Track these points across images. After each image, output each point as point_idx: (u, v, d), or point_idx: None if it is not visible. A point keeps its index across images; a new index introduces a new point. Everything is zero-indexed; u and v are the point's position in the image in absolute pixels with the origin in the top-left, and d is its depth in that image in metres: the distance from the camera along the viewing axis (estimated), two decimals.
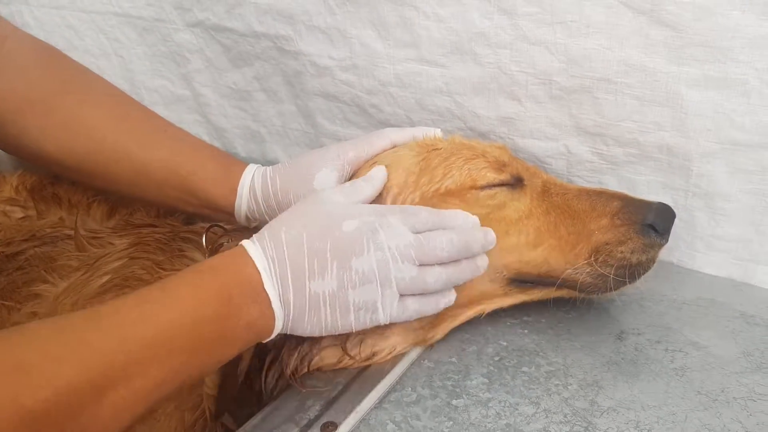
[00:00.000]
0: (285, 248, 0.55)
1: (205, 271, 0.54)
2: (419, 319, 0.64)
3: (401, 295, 0.58)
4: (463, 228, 0.60)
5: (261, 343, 0.58)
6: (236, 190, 0.74)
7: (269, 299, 0.54)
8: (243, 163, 0.77)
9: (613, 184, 0.82)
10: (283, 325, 0.56)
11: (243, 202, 0.74)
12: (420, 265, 0.58)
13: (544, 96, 0.80)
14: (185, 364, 0.50)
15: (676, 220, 0.69)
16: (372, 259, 0.56)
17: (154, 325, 0.48)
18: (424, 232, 0.58)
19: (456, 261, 0.60)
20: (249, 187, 0.74)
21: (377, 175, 0.65)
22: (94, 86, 0.78)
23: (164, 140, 0.77)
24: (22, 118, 0.72)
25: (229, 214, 0.76)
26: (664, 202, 0.69)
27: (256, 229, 0.76)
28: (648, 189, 0.80)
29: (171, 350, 0.49)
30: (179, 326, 0.49)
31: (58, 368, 0.43)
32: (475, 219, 0.62)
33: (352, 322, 0.57)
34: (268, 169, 0.74)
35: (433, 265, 0.58)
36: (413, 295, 0.59)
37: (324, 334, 0.58)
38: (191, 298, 0.51)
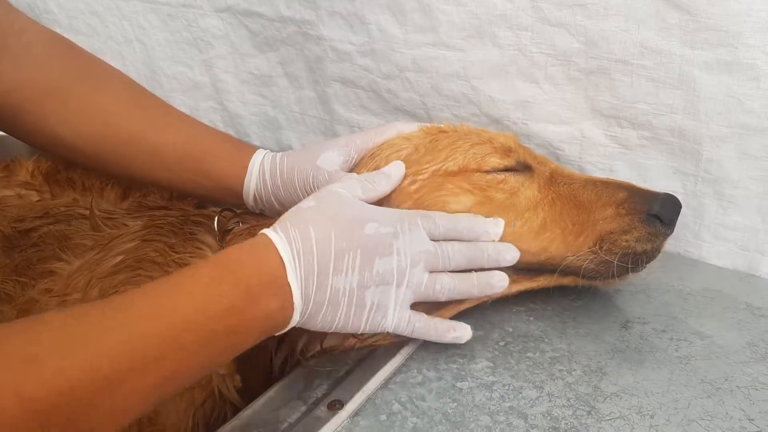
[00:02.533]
0: (314, 243, 0.55)
1: (223, 263, 0.54)
2: (424, 303, 0.65)
3: (411, 307, 0.60)
4: (478, 236, 0.63)
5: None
6: (247, 167, 0.76)
7: (291, 293, 0.54)
8: (254, 147, 0.79)
9: (624, 171, 0.82)
10: (300, 317, 0.56)
11: (252, 182, 0.76)
12: (431, 272, 0.60)
13: (562, 78, 0.81)
14: (199, 356, 0.50)
15: (684, 209, 0.69)
16: (393, 262, 0.57)
17: (168, 321, 0.48)
18: (440, 240, 0.61)
19: (467, 272, 0.62)
20: (259, 167, 0.75)
21: (395, 172, 0.66)
22: (108, 75, 0.80)
23: (177, 124, 0.79)
24: (40, 106, 0.74)
25: (238, 196, 0.77)
26: (674, 188, 0.70)
27: (263, 215, 0.78)
28: (658, 174, 0.80)
29: (184, 345, 0.48)
30: (193, 321, 0.49)
31: (70, 361, 0.43)
32: (497, 230, 0.65)
33: (363, 323, 0.58)
34: (278, 153, 0.76)
35: (443, 272, 0.61)
36: (420, 312, 0.61)
37: (332, 331, 0.59)
38: (207, 292, 0.51)
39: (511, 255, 0.63)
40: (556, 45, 0.79)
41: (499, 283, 0.63)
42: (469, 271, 0.63)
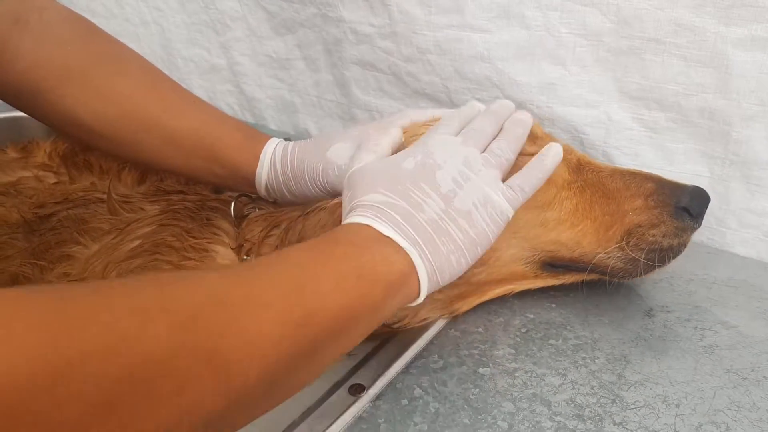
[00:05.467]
0: (381, 205, 0.54)
1: (314, 239, 0.53)
2: (446, 291, 0.64)
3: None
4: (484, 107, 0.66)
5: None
6: (259, 157, 0.75)
7: (392, 239, 0.52)
8: (267, 136, 0.78)
9: (650, 155, 0.81)
10: (424, 262, 0.53)
11: (263, 172, 0.75)
12: (483, 151, 0.60)
13: (590, 59, 0.80)
14: (343, 297, 0.48)
15: (710, 195, 0.68)
16: (450, 166, 0.57)
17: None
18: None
19: (503, 130, 0.63)
20: (271, 156, 0.75)
21: (393, 130, 0.65)
22: (127, 58, 0.80)
23: (192, 110, 0.78)
24: (58, 86, 0.73)
25: (251, 185, 0.77)
26: (701, 173, 0.69)
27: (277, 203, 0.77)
28: (685, 158, 0.79)
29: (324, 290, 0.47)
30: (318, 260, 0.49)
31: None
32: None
33: (483, 224, 0.56)
34: (290, 143, 0.76)
35: (489, 144, 0.61)
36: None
37: (469, 257, 0.56)
38: (309, 248, 0.50)
39: (506, 101, 0.66)
40: (586, 24, 0.78)
41: (526, 115, 0.65)
42: None
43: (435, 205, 0.55)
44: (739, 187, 0.77)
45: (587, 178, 0.68)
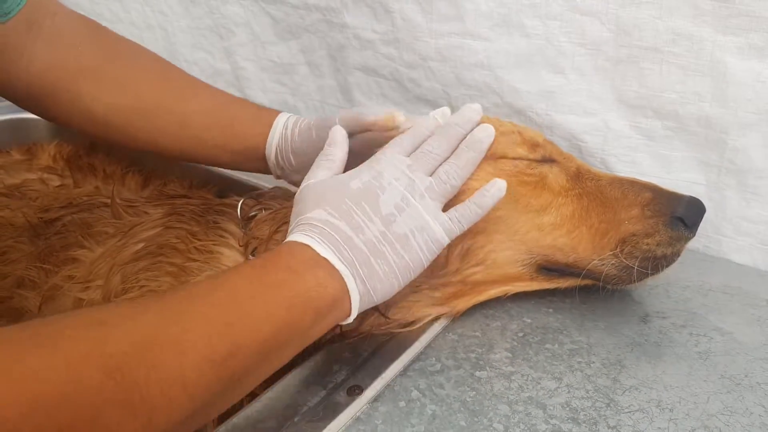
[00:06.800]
0: (322, 225, 0.56)
1: (257, 259, 0.56)
2: (442, 289, 0.65)
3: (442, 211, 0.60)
4: (438, 125, 0.64)
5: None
6: (270, 126, 0.77)
7: (329, 261, 0.54)
8: (277, 111, 0.80)
9: (647, 163, 0.82)
10: (357, 282, 0.55)
11: (274, 140, 0.77)
12: (432, 174, 0.61)
13: (589, 67, 0.81)
14: (266, 322, 0.50)
15: (706, 204, 0.69)
16: (395, 189, 0.59)
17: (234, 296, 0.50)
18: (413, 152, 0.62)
19: (455, 152, 0.62)
20: (282, 126, 0.77)
21: (338, 135, 0.66)
22: (138, 53, 0.83)
23: (203, 94, 0.81)
24: (74, 85, 0.76)
25: (262, 158, 0.79)
26: (697, 180, 0.70)
27: (285, 198, 0.78)
28: (682, 166, 0.80)
29: (250, 312, 0.50)
30: (251, 289, 0.51)
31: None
32: (445, 109, 0.65)
33: (419, 250, 0.58)
34: (301, 117, 0.78)
35: (439, 166, 0.61)
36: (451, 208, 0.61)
37: (401, 280, 0.58)
38: (252, 271, 0.52)
39: (471, 107, 0.64)
40: (585, 34, 0.79)
41: (485, 133, 0.63)
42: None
43: (375, 228, 0.57)
44: (735, 195, 0.77)
45: (586, 186, 0.68)
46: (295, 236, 0.56)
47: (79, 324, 0.44)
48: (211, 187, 1.00)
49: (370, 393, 0.58)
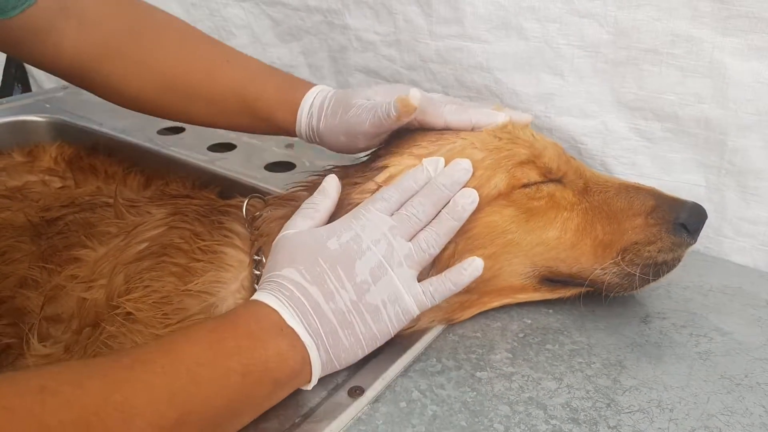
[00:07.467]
0: (293, 288, 0.56)
1: (219, 321, 0.55)
2: (449, 302, 0.65)
3: (418, 281, 0.60)
4: (426, 181, 0.62)
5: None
6: (296, 113, 0.77)
7: (295, 332, 0.54)
8: (308, 85, 0.79)
9: (646, 165, 0.82)
10: (321, 354, 0.56)
11: (303, 124, 0.77)
12: (411, 239, 0.60)
13: (588, 70, 0.82)
14: (221, 397, 0.50)
15: (706, 206, 0.69)
16: (372, 255, 0.58)
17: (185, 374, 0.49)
18: (396, 211, 0.61)
19: (438, 217, 0.61)
20: (308, 110, 0.76)
21: (330, 187, 0.65)
22: (163, 26, 0.82)
23: (229, 71, 0.81)
24: (104, 66, 0.78)
25: (292, 133, 0.79)
26: (697, 182, 0.70)
27: (293, 195, 0.78)
28: (681, 167, 0.80)
29: (200, 381, 0.49)
30: (205, 357, 0.50)
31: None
32: (437, 164, 0.63)
33: (387, 323, 0.58)
34: (331, 92, 0.76)
35: (422, 231, 0.60)
36: (428, 279, 0.60)
37: (367, 349, 0.58)
38: (210, 337, 0.52)
39: (460, 166, 0.62)
40: (584, 36, 0.80)
41: (468, 199, 0.61)
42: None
43: (346, 296, 0.56)
44: (734, 197, 0.78)
45: (593, 200, 0.68)
46: (262, 296, 0.56)
47: (18, 392, 0.43)
48: (213, 188, 1.00)
49: (371, 393, 0.58)
